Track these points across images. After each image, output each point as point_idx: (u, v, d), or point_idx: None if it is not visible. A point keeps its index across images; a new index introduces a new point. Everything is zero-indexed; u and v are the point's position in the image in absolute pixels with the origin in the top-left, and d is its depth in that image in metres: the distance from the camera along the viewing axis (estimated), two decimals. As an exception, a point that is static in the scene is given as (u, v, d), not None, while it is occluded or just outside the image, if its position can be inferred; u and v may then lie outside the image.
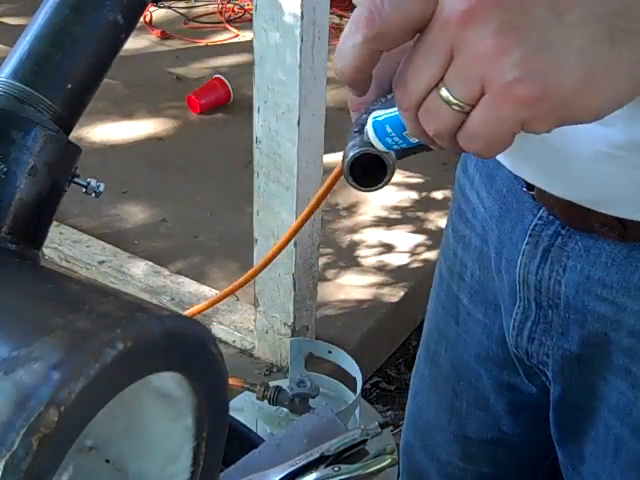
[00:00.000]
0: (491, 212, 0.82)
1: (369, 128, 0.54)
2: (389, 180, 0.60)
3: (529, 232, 0.76)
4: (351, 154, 0.58)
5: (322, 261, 2.29)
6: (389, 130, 0.53)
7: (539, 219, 0.75)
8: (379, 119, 0.54)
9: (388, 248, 2.45)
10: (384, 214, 2.62)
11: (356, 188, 0.60)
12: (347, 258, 2.43)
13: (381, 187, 0.60)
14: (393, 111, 0.52)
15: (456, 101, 0.44)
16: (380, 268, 2.39)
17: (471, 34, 0.41)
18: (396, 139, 0.54)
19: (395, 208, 2.63)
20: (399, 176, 2.73)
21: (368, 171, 0.59)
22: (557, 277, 0.75)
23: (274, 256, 1.49)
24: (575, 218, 0.72)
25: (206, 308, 1.67)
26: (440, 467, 1.01)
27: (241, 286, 1.55)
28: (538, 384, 0.87)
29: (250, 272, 1.54)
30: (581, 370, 0.78)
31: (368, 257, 2.44)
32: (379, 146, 0.55)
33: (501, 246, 0.81)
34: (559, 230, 0.74)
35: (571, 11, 0.41)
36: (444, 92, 0.44)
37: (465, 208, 0.88)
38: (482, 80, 0.42)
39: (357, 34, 0.44)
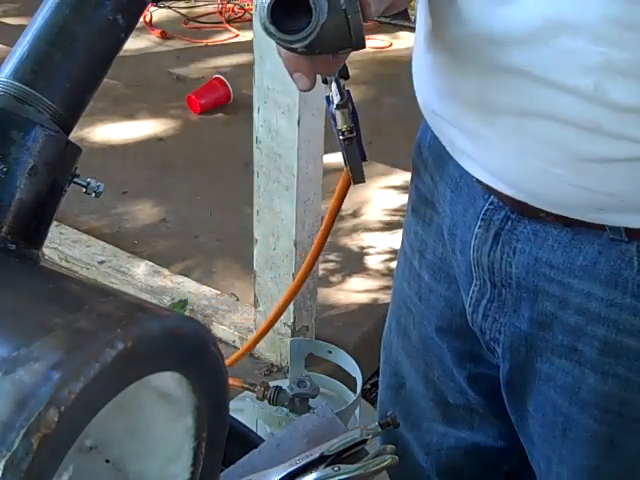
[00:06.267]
0: (443, 195, 0.85)
1: None
2: (318, 25, 0.57)
3: (481, 216, 0.79)
4: None
5: (323, 263, 2.29)
6: None
7: (490, 204, 0.79)
8: None
9: (389, 250, 2.45)
10: (387, 217, 2.62)
11: (279, 39, 0.59)
12: (348, 260, 2.43)
13: (311, 35, 0.58)
14: None
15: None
16: (381, 269, 2.39)
17: None
18: None
19: (397, 211, 2.63)
20: (402, 179, 2.74)
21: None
22: (508, 259, 0.78)
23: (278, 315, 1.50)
24: (522, 208, 0.76)
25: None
26: (419, 437, 1.02)
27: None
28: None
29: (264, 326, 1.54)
30: (527, 351, 0.82)
31: (369, 259, 2.44)
32: None
33: (455, 228, 0.84)
34: (509, 214, 0.77)
35: None
36: None
37: (423, 189, 0.91)
38: None
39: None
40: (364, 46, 0.61)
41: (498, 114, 0.70)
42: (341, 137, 0.77)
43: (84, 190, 0.59)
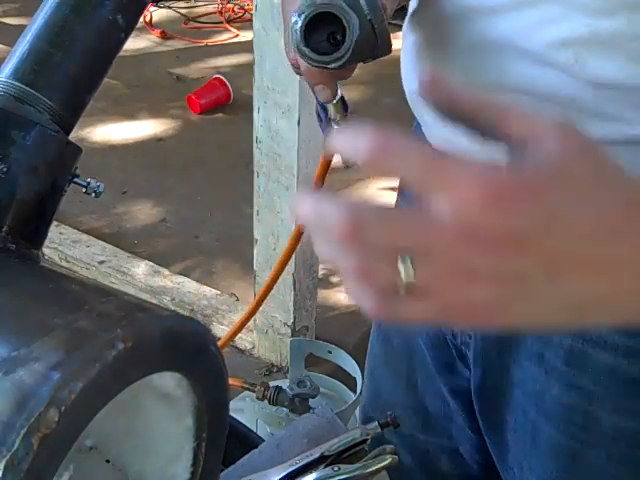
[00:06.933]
0: None
1: None
2: (352, 45, 0.56)
3: None
4: (304, 15, 0.56)
5: (323, 263, 2.29)
6: None
7: None
8: None
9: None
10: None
11: (314, 61, 0.58)
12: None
13: (347, 54, 0.57)
14: None
15: (413, 281, 0.38)
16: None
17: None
18: None
19: (395, 209, 2.63)
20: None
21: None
22: None
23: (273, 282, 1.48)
24: None
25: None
26: (403, 439, 1.02)
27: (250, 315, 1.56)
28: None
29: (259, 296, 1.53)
30: (499, 354, 0.81)
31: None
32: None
33: None
34: None
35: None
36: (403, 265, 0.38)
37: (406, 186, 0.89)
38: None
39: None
40: (390, 52, 0.60)
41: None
42: (336, 127, 0.77)
43: (84, 190, 0.59)
